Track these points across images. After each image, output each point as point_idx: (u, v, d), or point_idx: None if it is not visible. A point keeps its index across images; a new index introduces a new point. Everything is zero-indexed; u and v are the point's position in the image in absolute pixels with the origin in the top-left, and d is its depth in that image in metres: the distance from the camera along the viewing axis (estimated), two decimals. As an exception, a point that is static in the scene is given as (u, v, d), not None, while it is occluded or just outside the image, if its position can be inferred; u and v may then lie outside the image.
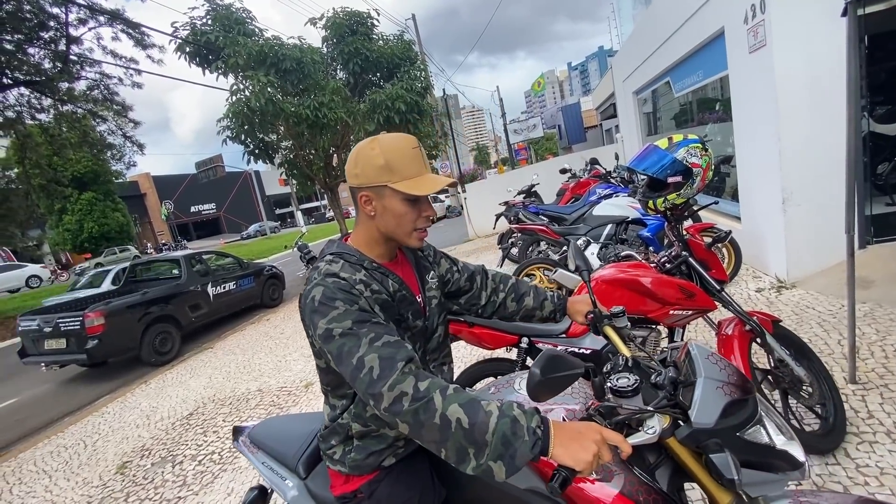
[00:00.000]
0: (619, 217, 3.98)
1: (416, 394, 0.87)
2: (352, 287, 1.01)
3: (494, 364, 2.28)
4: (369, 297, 1.03)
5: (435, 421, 0.84)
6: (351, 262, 1.07)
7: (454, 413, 0.84)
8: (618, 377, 0.98)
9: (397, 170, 1.03)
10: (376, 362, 0.91)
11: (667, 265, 2.09)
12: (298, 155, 10.05)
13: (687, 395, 0.93)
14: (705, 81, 5.26)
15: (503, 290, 1.44)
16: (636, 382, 0.95)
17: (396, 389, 0.87)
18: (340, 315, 0.96)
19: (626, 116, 9.63)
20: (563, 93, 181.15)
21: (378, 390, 0.88)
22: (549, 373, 0.85)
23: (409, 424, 0.87)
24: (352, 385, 0.94)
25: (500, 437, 0.80)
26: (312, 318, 0.98)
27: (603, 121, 21.06)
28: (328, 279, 1.01)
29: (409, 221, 1.07)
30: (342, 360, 0.93)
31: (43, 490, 3.38)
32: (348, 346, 0.93)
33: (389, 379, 0.89)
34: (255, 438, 1.54)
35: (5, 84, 11.17)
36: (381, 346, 0.93)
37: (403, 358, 0.92)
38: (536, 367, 0.84)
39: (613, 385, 0.96)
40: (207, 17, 8.66)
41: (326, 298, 0.98)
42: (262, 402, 4.10)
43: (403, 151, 1.04)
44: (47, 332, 5.83)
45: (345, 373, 0.94)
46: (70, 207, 29.19)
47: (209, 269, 7.71)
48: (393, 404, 0.87)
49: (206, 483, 2.96)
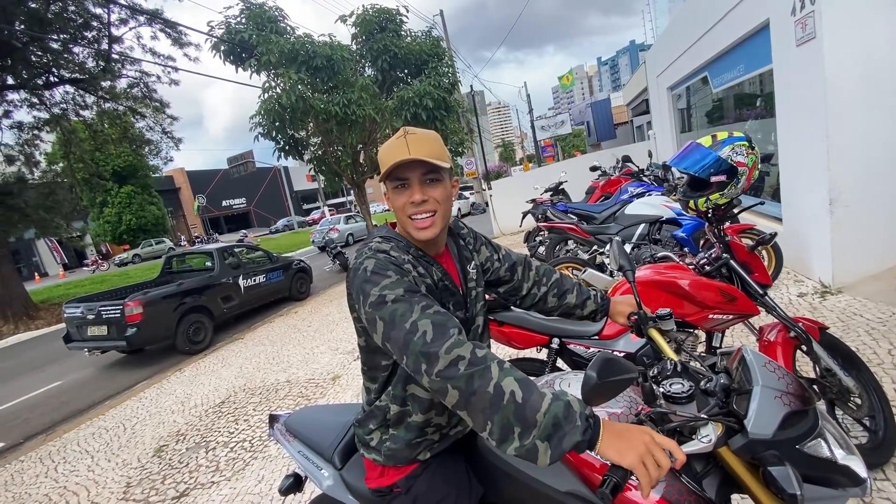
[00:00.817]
0: (653, 216, 3.87)
1: (473, 358, 0.86)
2: (401, 264, 1.03)
3: (524, 364, 2.26)
4: (416, 276, 1.05)
5: (488, 390, 0.82)
6: (399, 247, 1.09)
7: (509, 385, 0.82)
8: (670, 383, 0.94)
9: (383, 161, 1.06)
10: (429, 327, 0.90)
11: (706, 267, 2.02)
12: (327, 151, 10.20)
13: (741, 404, 0.89)
14: (747, 76, 5.05)
15: (545, 284, 1.42)
16: (690, 389, 0.91)
17: (454, 352, 0.87)
18: (393, 283, 0.97)
19: (660, 113, 9.35)
20: (592, 88, 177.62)
21: (434, 351, 0.87)
22: (606, 376, 0.82)
23: (459, 391, 0.84)
24: (403, 349, 0.92)
25: (552, 417, 0.79)
26: (364, 286, 0.99)
27: (634, 117, 20.53)
28: (379, 254, 1.04)
29: (399, 210, 1.08)
30: (395, 323, 0.93)
31: (86, 469, 3.55)
32: (401, 311, 0.93)
33: (446, 342, 0.88)
34: (290, 427, 1.56)
35: (52, 82, 11.73)
36: (432, 313, 0.93)
37: (455, 326, 0.92)
38: (593, 371, 0.82)
39: (666, 391, 0.93)
40: (241, 15, 8.86)
41: (379, 268, 0.99)
42: (290, 392, 4.19)
43: (389, 143, 1.07)
44: (90, 319, 6.11)
45: (397, 338, 0.92)
46: (111, 200, 30.63)
47: (240, 262, 7.92)
48: (448, 367, 0.86)
49: (237, 470, 3.05)
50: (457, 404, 0.86)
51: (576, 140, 42.92)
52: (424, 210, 1.07)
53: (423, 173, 1.06)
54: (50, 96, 11.94)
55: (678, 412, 0.88)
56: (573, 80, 26.87)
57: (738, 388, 0.92)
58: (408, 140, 1.05)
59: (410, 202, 1.06)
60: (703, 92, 6.96)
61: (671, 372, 0.99)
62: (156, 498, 2.94)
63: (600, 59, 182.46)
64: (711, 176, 1.78)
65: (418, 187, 1.06)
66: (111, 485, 3.23)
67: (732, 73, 5.38)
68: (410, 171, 1.05)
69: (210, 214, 42.82)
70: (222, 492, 2.84)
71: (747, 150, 1.77)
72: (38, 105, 11.86)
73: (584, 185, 8.42)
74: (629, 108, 21.42)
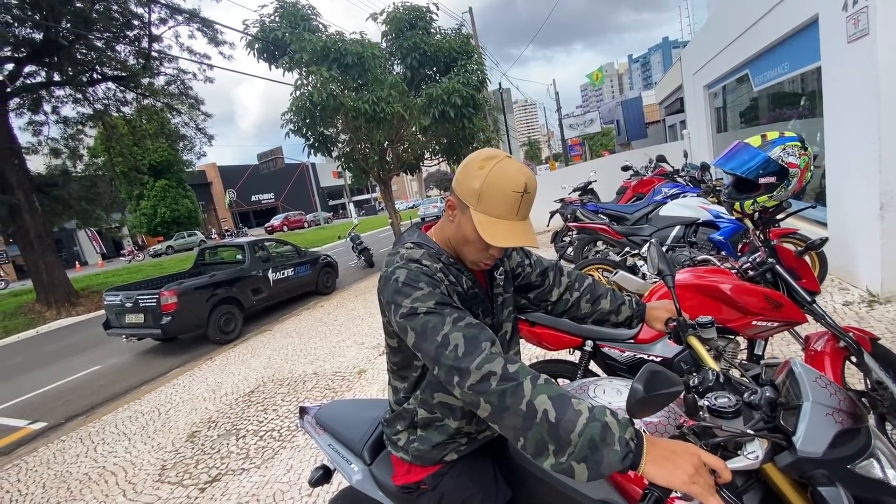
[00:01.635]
0: (689, 218, 3.76)
1: (505, 374, 0.85)
2: (433, 274, 1.02)
3: (554, 366, 2.23)
4: (448, 286, 1.04)
5: (520, 407, 0.82)
6: (430, 254, 1.08)
7: (542, 403, 0.81)
8: (716, 396, 0.90)
9: (485, 201, 0.99)
10: (461, 340, 0.90)
11: (749, 272, 1.95)
12: (355, 148, 10.31)
13: (789, 419, 0.85)
14: (792, 74, 4.84)
15: (577, 290, 1.39)
16: (737, 404, 0.87)
17: (485, 368, 0.86)
18: (425, 295, 0.96)
19: (695, 112, 9.07)
20: (623, 86, 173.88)
21: (465, 366, 0.87)
22: (652, 390, 0.79)
23: (492, 405, 0.84)
24: (434, 362, 0.92)
25: (588, 440, 0.77)
26: (395, 297, 0.99)
27: (666, 116, 20.00)
28: (411, 264, 1.02)
29: (473, 251, 1.05)
30: (426, 336, 0.93)
31: (123, 451, 3.70)
32: (433, 323, 0.93)
33: (477, 357, 0.87)
34: (321, 420, 1.57)
35: (95, 79, 12.25)
36: (464, 325, 0.92)
37: (487, 339, 0.92)
38: (639, 384, 0.80)
39: (711, 404, 0.89)
40: (275, 14, 9.03)
41: (410, 279, 0.99)
42: (317, 384, 4.26)
43: (503, 189, 0.98)
44: (128, 307, 6.36)
45: (428, 349, 0.93)
46: (146, 193, 31.77)
47: (270, 255, 8.10)
48: (480, 382, 0.85)
49: (266, 458, 3.12)
50: (489, 418, 0.86)
51: (604, 139, 42.14)
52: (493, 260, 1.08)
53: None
54: (93, 93, 12.47)
55: (724, 427, 0.85)
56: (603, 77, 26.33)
57: (785, 403, 0.88)
58: (523, 201, 0.99)
59: (490, 253, 1.06)
60: (742, 90, 6.71)
61: (713, 383, 0.95)
62: (189, 481, 3.04)
63: (631, 57, 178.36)
64: (760, 177, 1.71)
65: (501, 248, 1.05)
66: (147, 467, 3.35)
67: (776, 70, 5.16)
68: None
69: (240, 209, 43.98)
70: (252, 479, 2.91)
71: (800, 150, 1.69)
72: (81, 101, 12.41)
73: (613, 185, 8.25)
74: (661, 106, 20.88)
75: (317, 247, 17.69)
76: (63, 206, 12.17)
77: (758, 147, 1.73)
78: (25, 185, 10.76)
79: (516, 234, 0.99)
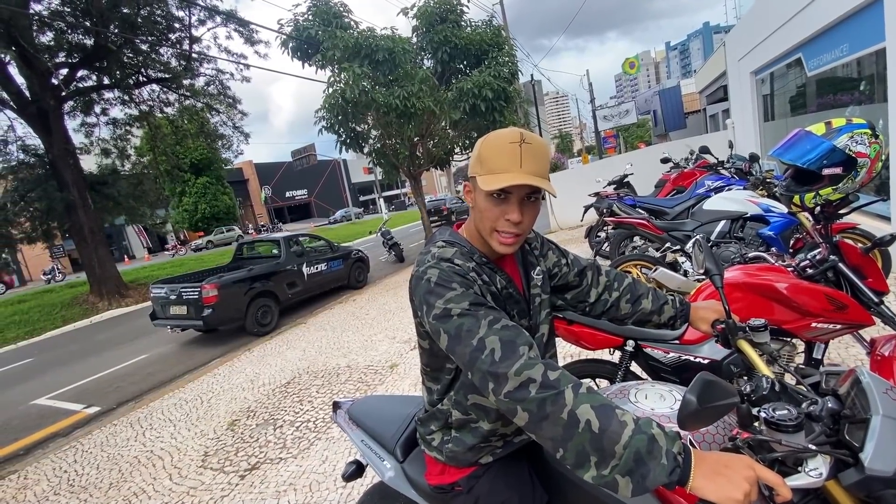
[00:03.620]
0: (736, 213, 3.56)
1: (545, 381, 0.81)
2: (466, 273, 0.98)
3: (594, 365, 2.15)
4: (481, 285, 1.00)
5: (562, 416, 0.78)
6: (462, 252, 1.04)
7: (585, 413, 0.77)
8: (773, 407, 0.83)
9: (485, 162, 0.97)
10: (497, 344, 0.86)
11: (807, 270, 1.82)
12: (385, 144, 10.38)
13: (855, 434, 0.78)
14: (852, 56, 4.50)
15: (617, 290, 1.32)
16: (799, 416, 0.80)
17: (524, 374, 0.82)
18: (458, 296, 0.93)
19: (741, 100, 8.62)
20: (660, 75, 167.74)
21: (503, 371, 0.84)
22: (706, 401, 0.74)
23: (530, 413, 0.81)
24: (469, 366, 0.89)
25: (633, 452, 0.72)
26: (427, 298, 0.96)
27: (707, 105, 19.14)
28: (443, 263, 0.99)
29: (488, 219, 1.00)
30: (461, 339, 0.89)
31: (169, 436, 3.87)
32: (468, 326, 0.89)
33: (516, 362, 0.84)
34: (354, 415, 1.57)
35: (141, 81, 12.83)
36: (500, 328, 0.89)
37: (525, 342, 0.88)
38: (692, 395, 0.74)
39: (769, 416, 0.81)
40: (309, 12, 9.17)
41: (443, 279, 0.95)
42: (350, 377, 4.32)
43: (500, 144, 0.96)
44: (173, 300, 6.65)
45: (462, 353, 0.90)
46: (188, 190, 33.18)
47: (304, 250, 8.28)
48: (518, 389, 0.82)
49: (303, 448, 3.19)
50: (526, 426, 0.82)
51: (639, 130, 40.82)
52: (516, 230, 1.00)
53: (527, 192, 0.98)
54: (139, 94, 13.07)
55: (784, 441, 0.78)
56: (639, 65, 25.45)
57: (850, 416, 0.80)
58: (522, 151, 0.94)
59: (506, 219, 0.98)
60: (792, 76, 6.31)
61: (768, 391, 0.87)
62: (230, 468, 3.14)
63: (669, 44, 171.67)
64: (823, 168, 1.58)
65: (517, 207, 0.98)
66: (191, 452, 3.50)
67: (834, 53, 4.81)
68: (516, 186, 0.96)
69: (275, 205, 45.26)
70: (289, 468, 2.98)
71: (870, 138, 1.55)
72: (128, 103, 13.03)
73: (649, 178, 7.96)
74: (702, 95, 20.00)
75: (348, 242, 18.00)
76: (113, 203, 12.85)
77: (821, 135, 1.60)
78: (80, 184, 11.42)
79: (513, 178, 0.93)
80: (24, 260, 25.77)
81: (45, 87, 10.81)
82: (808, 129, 1.65)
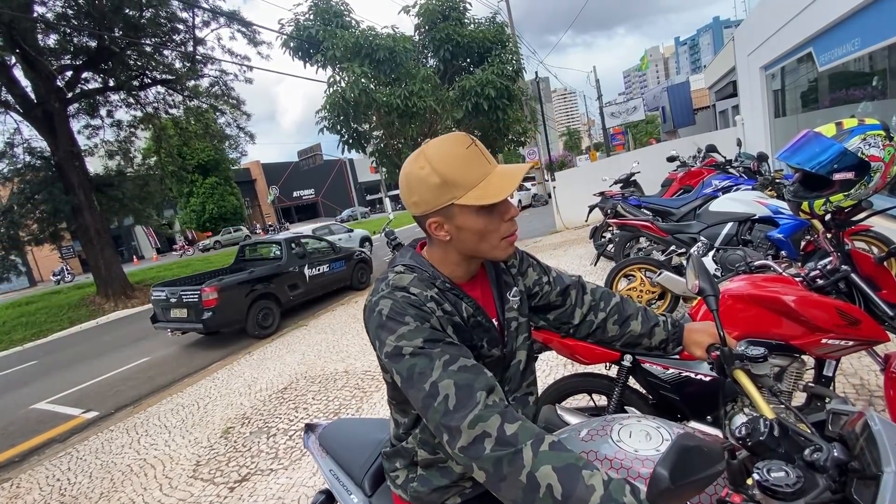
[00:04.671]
0: (743, 214, 3.41)
1: (501, 437, 0.73)
2: (423, 304, 0.88)
3: (589, 380, 2.05)
4: (441, 316, 0.90)
5: (520, 478, 0.69)
6: (422, 278, 0.94)
7: (546, 476, 0.68)
8: (768, 466, 0.70)
9: (458, 182, 0.86)
10: (452, 390, 0.78)
11: (818, 280, 1.69)
12: (388, 144, 10.31)
13: (863, 491, 0.67)
14: (865, 51, 4.32)
15: (603, 310, 1.20)
16: (798, 481, 0.67)
17: (478, 427, 0.74)
18: (411, 332, 0.84)
19: (750, 96, 8.41)
20: (669, 71, 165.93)
21: (455, 424, 0.75)
22: (682, 477, 0.62)
23: (486, 473, 0.72)
24: (422, 414, 0.81)
25: None
26: (379, 333, 0.87)
27: (717, 101, 18.81)
28: (397, 293, 0.90)
29: (493, 233, 0.91)
30: (412, 382, 0.82)
31: (163, 444, 3.82)
32: (420, 367, 0.81)
33: (470, 413, 0.75)
34: (324, 441, 1.49)
35: (146, 83, 12.88)
36: (456, 370, 0.80)
37: (483, 387, 0.78)
38: (664, 468, 0.62)
39: (763, 478, 0.69)
40: (310, 12, 9.11)
41: (395, 313, 0.87)
42: (347, 383, 4.25)
43: (457, 157, 0.86)
44: (173, 302, 6.63)
45: (415, 398, 0.82)
46: (196, 191, 33.45)
47: (306, 251, 8.23)
48: (472, 445, 0.73)
49: (294, 459, 3.11)
50: (486, 483, 0.74)
51: (648, 127, 40.40)
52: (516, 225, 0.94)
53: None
54: (143, 96, 13.13)
55: None
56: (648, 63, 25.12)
57: (859, 470, 0.69)
58: (480, 150, 0.89)
59: (507, 220, 0.92)
60: (803, 71, 6.12)
61: (766, 436, 0.76)
62: (221, 479, 3.08)
63: (678, 39, 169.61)
64: (834, 172, 1.46)
65: (507, 202, 0.91)
66: (183, 461, 3.44)
67: (845, 47, 4.63)
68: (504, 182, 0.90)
69: (282, 204, 45.42)
70: (279, 480, 2.90)
71: (884, 140, 1.42)
72: (133, 105, 13.09)
73: (657, 176, 7.78)
74: (711, 91, 19.68)
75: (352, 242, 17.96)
76: (119, 204, 12.93)
77: (831, 137, 1.47)
78: (85, 186, 11.49)
79: (507, 177, 0.88)
80: (35, 261, 26.14)
81: (50, 90, 10.88)
82: (817, 130, 1.53)
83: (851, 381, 2.53)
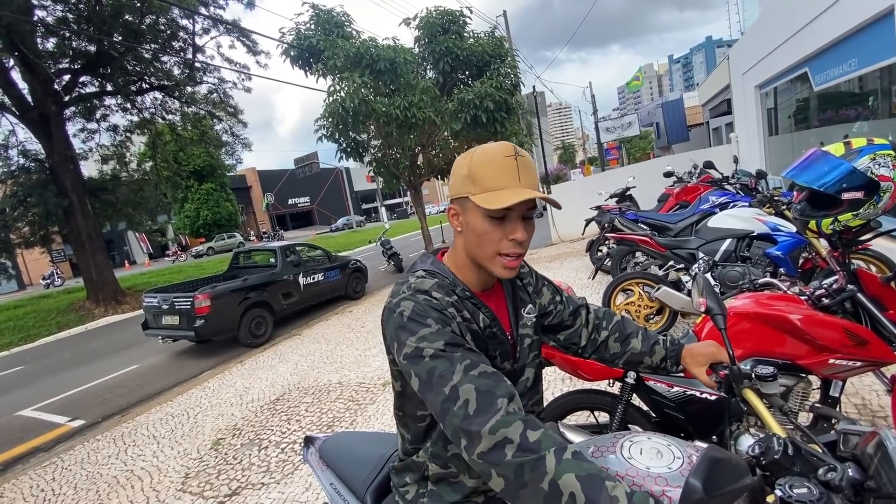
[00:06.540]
0: (742, 231, 3.43)
1: (524, 443, 0.71)
2: (444, 308, 0.88)
3: (591, 396, 2.01)
4: (461, 322, 0.90)
5: (542, 486, 0.67)
6: (442, 284, 0.94)
7: (568, 485, 0.66)
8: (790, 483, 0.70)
9: (479, 180, 0.89)
10: (473, 395, 0.76)
11: (823, 300, 1.69)
12: (386, 154, 10.31)
13: None
14: (861, 71, 4.40)
15: (605, 329, 1.22)
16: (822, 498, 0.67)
17: (500, 434, 0.72)
18: (433, 334, 0.83)
19: (745, 114, 8.54)
20: (662, 88, 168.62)
21: (476, 429, 0.73)
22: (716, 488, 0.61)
23: (505, 479, 0.70)
24: (440, 418, 0.79)
25: None
26: (398, 333, 0.86)
27: (710, 119, 19.10)
28: (419, 296, 0.89)
29: (490, 242, 0.91)
30: (432, 385, 0.80)
31: (151, 455, 3.72)
32: (441, 370, 0.80)
33: (491, 418, 0.73)
34: (324, 454, 1.45)
35: (143, 88, 12.85)
36: (477, 375, 0.78)
37: (504, 394, 0.77)
38: (696, 479, 0.62)
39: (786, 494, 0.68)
40: (311, 21, 9.15)
41: (417, 315, 0.86)
42: (341, 395, 4.18)
43: (491, 161, 0.89)
44: (165, 309, 6.53)
45: (433, 402, 0.80)
46: (191, 197, 33.27)
47: (301, 260, 8.16)
48: (493, 450, 0.71)
49: (286, 473, 3.04)
50: (503, 493, 0.71)
51: (642, 142, 40.90)
52: (520, 250, 0.92)
53: (527, 208, 0.91)
54: (141, 101, 13.09)
55: None
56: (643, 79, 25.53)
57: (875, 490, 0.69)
58: (519, 165, 0.89)
59: (510, 239, 0.91)
60: (797, 90, 6.22)
61: (780, 455, 0.75)
62: (210, 493, 2.99)
63: (672, 57, 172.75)
64: (842, 192, 1.46)
65: (520, 223, 0.91)
66: (171, 473, 3.35)
67: (842, 67, 4.72)
68: (520, 203, 0.88)
69: (277, 212, 45.33)
70: (271, 495, 2.83)
71: (894, 160, 1.43)
72: (130, 110, 13.04)
73: (653, 191, 7.84)
74: (705, 108, 19.98)
75: (348, 251, 17.92)
76: (112, 209, 12.81)
77: (840, 156, 1.48)
78: (79, 189, 11.38)
79: (517, 193, 0.87)
80: (24, 264, 25.77)
81: (47, 93, 10.82)
82: (825, 148, 1.53)
83: (853, 400, 2.52)
